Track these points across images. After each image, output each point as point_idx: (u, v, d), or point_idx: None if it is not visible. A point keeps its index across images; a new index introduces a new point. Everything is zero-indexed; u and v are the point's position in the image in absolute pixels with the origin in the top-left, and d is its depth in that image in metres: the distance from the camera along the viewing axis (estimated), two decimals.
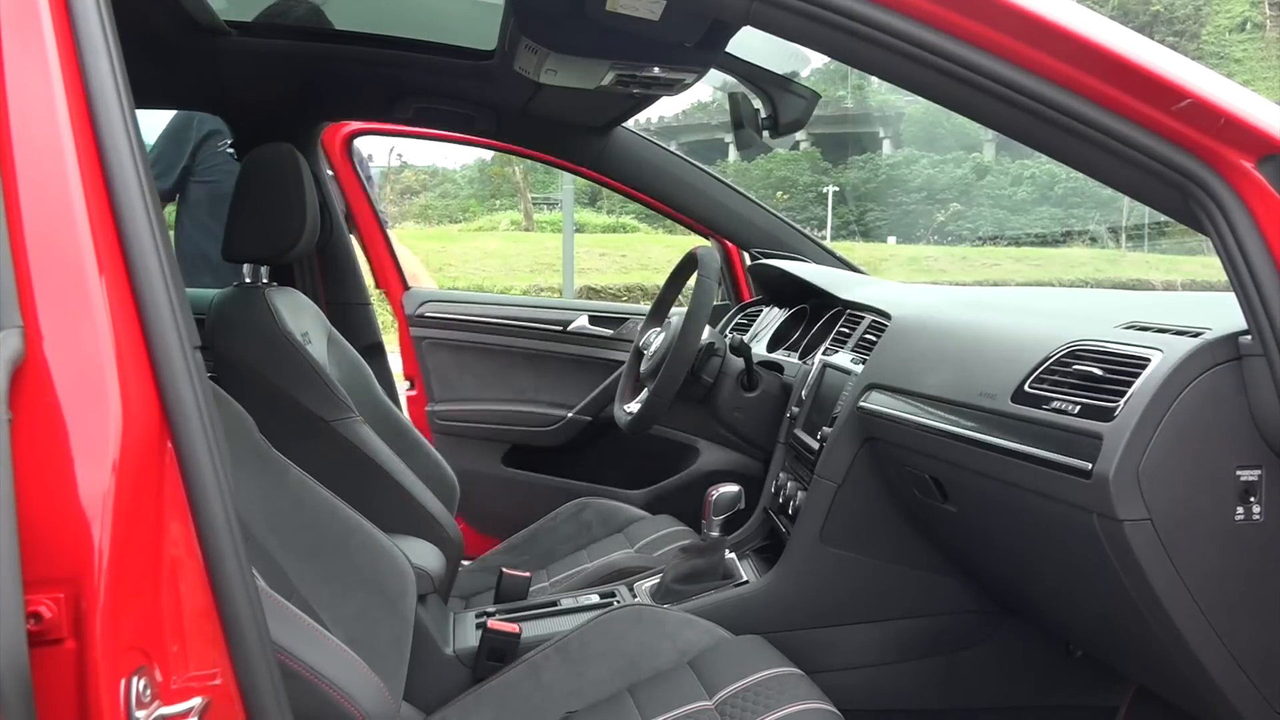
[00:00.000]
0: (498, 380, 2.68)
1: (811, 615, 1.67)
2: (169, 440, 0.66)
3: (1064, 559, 1.23)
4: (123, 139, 0.68)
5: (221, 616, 0.67)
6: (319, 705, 0.96)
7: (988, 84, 0.96)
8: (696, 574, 1.75)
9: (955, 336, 1.49)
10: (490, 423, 2.69)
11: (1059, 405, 1.14)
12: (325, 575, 1.37)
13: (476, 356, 2.69)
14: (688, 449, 2.57)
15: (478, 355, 2.69)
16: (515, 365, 2.72)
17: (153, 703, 0.61)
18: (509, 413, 2.70)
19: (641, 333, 2.14)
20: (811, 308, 2.21)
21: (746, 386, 1.98)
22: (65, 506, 0.59)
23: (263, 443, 1.37)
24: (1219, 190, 0.96)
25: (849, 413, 1.62)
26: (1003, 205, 34.66)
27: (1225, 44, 37.15)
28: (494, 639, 1.60)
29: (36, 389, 0.60)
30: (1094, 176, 1.04)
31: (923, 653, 1.67)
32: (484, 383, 2.70)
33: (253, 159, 1.73)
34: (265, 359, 1.68)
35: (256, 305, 1.69)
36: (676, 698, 1.40)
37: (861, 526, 1.65)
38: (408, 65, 2.16)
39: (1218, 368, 1.03)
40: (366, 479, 1.72)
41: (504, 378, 2.65)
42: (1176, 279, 20.49)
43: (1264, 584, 1.06)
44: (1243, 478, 1.04)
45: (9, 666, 0.52)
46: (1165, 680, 1.27)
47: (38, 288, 0.62)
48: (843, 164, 37.40)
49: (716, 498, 1.74)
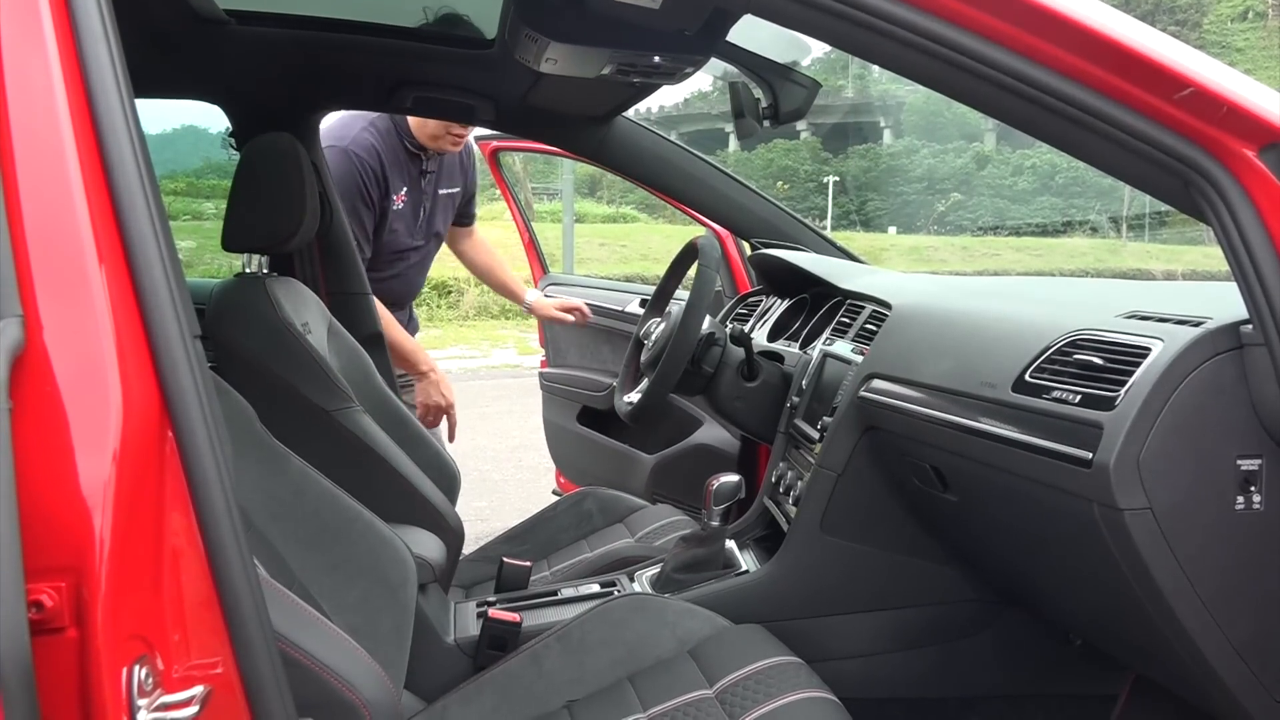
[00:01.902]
0: (586, 352, 3.14)
1: (811, 604, 1.67)
2: (170, 430, 0.66)
3: (1064, 548, 1.23)
4: (122, 129, 0.67)
5: (223, 605, 0.67)
6: (321, 693, 0.96)
7: (989, 72, 0.96)
8: (697, 563, 1.75)
9: (956, 326, 1.49)
10: (572, 386, 3.21)
11: (1060, 395, 1.14)
12: (326, 564, 1.37)
13: (578, 332, 3.15)
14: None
15: (579, 331, 3.13)
16: (599, 340, 3.12)
17: (154, 691, 0.61)
18: (583, 379, 3.18)
19: (642, 323, 2.14)
20: (812, 297, 2.21)
21: (747, 376, 1.98)
22: (66, 496, 0.59)
23: (263, 432, 1.38)
24: (1221, 179, 0.96)
25: (849, 402, 1.62)
26: (1004, 195, 34.65)
27: (1227, 33, 37.06)
28: (495, 628, 1.61)
29: (37, 378, 0.60)
30: (1095, 165, 1.04)
31: (922, 642, 1.68)
32: (581, 353, 3.24)
33: (252, 148, 1.73)
34: (266, 349, 1.68)
35: (257, 295, 1.69)
36: (677, 686, 1.40)
37: (862, 516, 1.65)
38: (407, 54, 2.15)
39: (1219, 357, 1.03)
40: (367, 469, 1.72)
41: (590, 350, 3.07)
42: (1177, 268, 20.50)
43: (1264, 573, 1.06)
44: (1243, 467, 1.04)
45: (11, 655, 0.52)
46: (1164, 669, 1.27)
47: (38, 277, 0.62)
48: (843, 154, 37.37)
49: (717, 488, 1.74)
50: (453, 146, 2.50)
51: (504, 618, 1.62)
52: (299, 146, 1.71)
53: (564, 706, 1.45)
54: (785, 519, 1.80)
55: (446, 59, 2.15)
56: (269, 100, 2.22)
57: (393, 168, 2.46)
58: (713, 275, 1.88)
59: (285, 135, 1.72)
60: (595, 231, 21.38)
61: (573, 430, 3.22)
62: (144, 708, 0.60)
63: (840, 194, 34.82)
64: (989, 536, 1.48)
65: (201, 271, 5.55)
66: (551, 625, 1.56)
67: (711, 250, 1.92)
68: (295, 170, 1.68)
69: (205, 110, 2.63)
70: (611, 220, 24.87)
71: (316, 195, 1.76)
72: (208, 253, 6.27)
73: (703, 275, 1.87)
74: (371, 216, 2.45)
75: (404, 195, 2.52)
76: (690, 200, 2.53)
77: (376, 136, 2.44)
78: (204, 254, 6.82)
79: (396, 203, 2.50)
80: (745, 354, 1.97)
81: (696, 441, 2.76)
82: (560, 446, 3.34)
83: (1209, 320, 1.06)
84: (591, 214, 24.77)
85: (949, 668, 1.68)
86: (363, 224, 2.42)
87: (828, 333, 1.95)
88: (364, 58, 2.16)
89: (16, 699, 0.52)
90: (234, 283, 1.74)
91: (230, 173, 1.76)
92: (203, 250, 6.77)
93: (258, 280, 1.72)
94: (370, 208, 2.43)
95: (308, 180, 1.71)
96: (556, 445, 3.34)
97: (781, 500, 1.85)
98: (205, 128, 9.05)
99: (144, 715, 0.60)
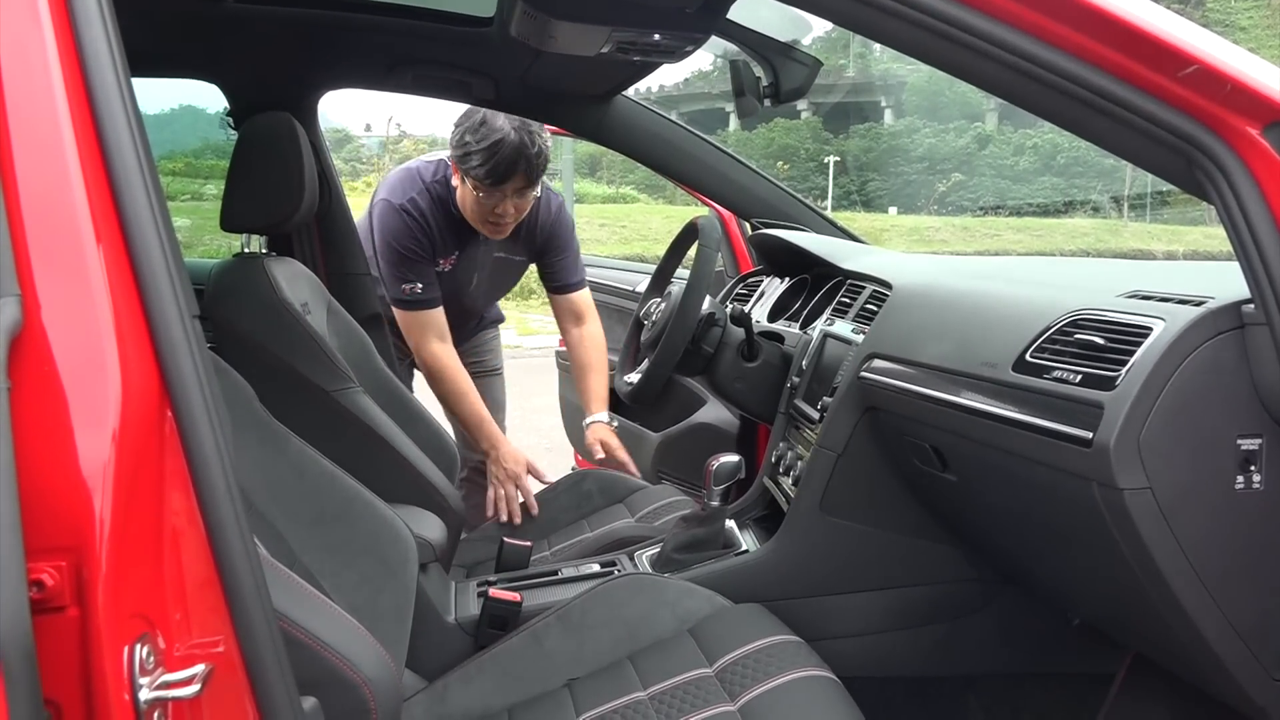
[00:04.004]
0: (605, 332, 3.02)
1: (811, 584, 1.68)
2: (169, 410, 0.66)
3: (1063, 528, 1.24)
4: (119, 107, 0.67)
5: (224, 584, 0.67)
6: (322, 672, 0.96)
7: (992, 49, 0.95)
8: (697, 543, 1.75)
9: (957, 306, 1.49)
10: None
11: (1060, 375, 1.14)
12: (327, 544, 1.38)
13: (602, 312, 3.04)
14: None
15: (603, 311, 3.03)
16: (613, 320, 3.08)
17: (156, 669, 0.62)
18: None
19: (642, 303, 2.13)
20: (812, 278, 2.21)
21: (747, 357, 1.98)
22: (66, 475, 0.59)
23: (263, 412, 1.38)
24: (1224, 157, 0.96)
25: (850, 382, 1.62)
26: (1005, 175, 34.54)
27: (1231, 11, 36.80)
28: (495, 607, 1.61)
29: (35, 358, 0.60)
30: (1098, 144, 1.03)
31: (922, 621, 1.68)
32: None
33: (250, 128, 1.72)
34: (265, 329, 1.67)
35: (256, 275, 1.68)
36: (677, 665, 1.41)
37: (861, 496, 1.66)
38: (405, 32, 2.14)
39: (1220, 336, 1.03)
40: (367, 449, 1.72)
41: (606, 330, 2.91)
42: (1179, 249, 20.46)
43: (1263, 553, 1.06)
44: (1243, 447, 1.04)
45: (12, 634, 0.52)
46: (1162, 648, 1.27)
47: (35, 257, 0.62)
48: (844, 133, 37.23)
49: (717, 468, 1.74)
50: (494, 233, 2.28)
51: (504, 597, 1.62)
52: (297, 126, 1.70)
53: (564, 685, 1.46)
54: (785, 499, 1.81)
55: (444, 37, 2.13)
56: (267, 79, 2.21)
57: (444, 231, 2.30)
58: (713, 255, 1.88)
59: (283, 115, 1.71)
60: (595, 212, 21.32)
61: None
62: (145, 686, 0.60)
63: (841, 174, 34.70)
64: (988, 516, 1.48)
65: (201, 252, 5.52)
66: (552, 605, 1.57)
67: (712, 230, 1.91)
68: (294, 150, 1.68)
69: (203, 90, 2.62)
70: (612, 200, 24.81)
71: (315, 175, 1.75)
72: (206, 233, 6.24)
73: (703, 255, 1.87)
74: (424, 265, 2.30)
75: (453, 259, 2.37)
76: (691, 180, 2.51)
77: (429, 202, 2.28)
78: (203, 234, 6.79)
79: (444, 265, 2.35)
80: (745, 334, 1.96)
81: (699, 420, 2.76)
82: (577, 426, 3.32)
83: (1210, 300, 1.05)
84: (591, 194, 24.72)
85: (948, 647, 1.69)
86: (412, 268, 2.28)
87: (828, 313, 1.95)
88: (361, 36, 2.14)
89: (18, 678, 0.52)
90: (233, 263, 1.73)
91: (229, 153, 1.75)
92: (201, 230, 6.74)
93: (256, 260, 1.72)
94: (420, 259, 2.28)
95: (306, 160, 1.70)
96: (573, 425, 3.33)
97: (781, 480, 1.86)
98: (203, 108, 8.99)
99: (146, 693, 0.60)
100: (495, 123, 2.10)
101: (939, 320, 1.50)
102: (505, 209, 2.18)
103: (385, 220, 2.28)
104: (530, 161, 2.10)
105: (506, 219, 2.21)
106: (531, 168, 2.12)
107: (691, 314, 1.86)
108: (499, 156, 2.08)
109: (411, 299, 2.28)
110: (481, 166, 2.09)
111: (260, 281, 1.67)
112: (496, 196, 2.15)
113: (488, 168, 2.09)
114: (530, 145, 2.09)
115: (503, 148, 2.07)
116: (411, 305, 2.29)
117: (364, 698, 0.99)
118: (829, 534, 1.66)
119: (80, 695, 0.58)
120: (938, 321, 1.50)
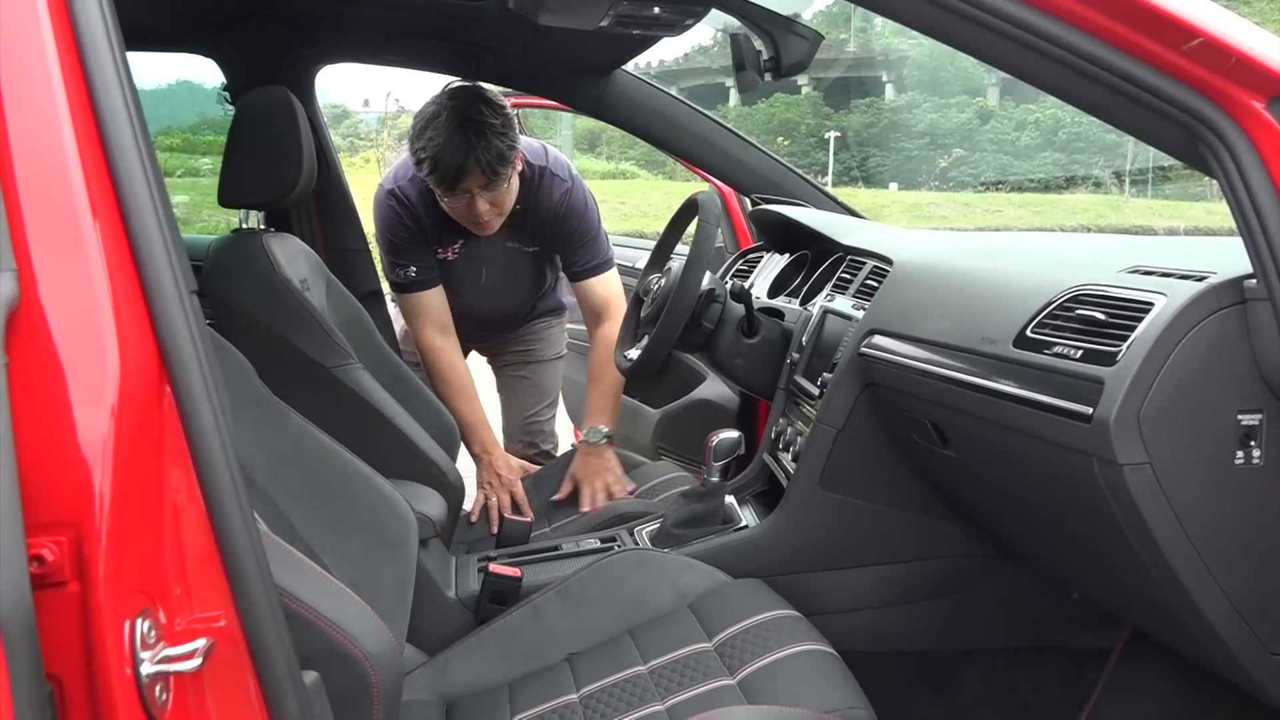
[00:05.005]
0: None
1: (810, 559, 1.68)
2: (168, 385, 0.66)
3: (1063, 503, 1.24)
4: (115, 82, 0.66)
5: (224, 559, 0.68)
6: (323, 646, 0.96)
7: (993, 21, 0.94)
8: (696, 518, 1.76)
9: (957, 282, 1.48)
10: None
11: (1061, 350, 1.14)
12: (327, 519, 1.38)
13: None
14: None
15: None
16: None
17: (157, 644, 0.62)
18: None
19: (641, 278, 2.13)
20: (813, 253, 2.20)
21: (747, 333, 1.97)
22: (65, 451, 0.59)
23: (262, 389, 1.38)
24: (1228, 131, 0.95)
25: (850, 358, 1.62)
26: (1006, 150, 34.42)
27: None
28: (496, 582, 1.62)
29: (32, 333, 0.60)
30: (1101, 118, 1.03)
31: (921, 596, 1.69)
32: None
33: (247, 103, 1.71)
34: (264, 306, 1.67)
35: (254, 252, 1.68)
36: (676, 639, 1.42)
37: (861, 471, 1.66)
38: (402, 6, 2.12)
39: (1222, 312, 1.03)
40: (367, 425, 1.73)
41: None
42: (1180, 225, 20.40)
43: (1261, 528, 1.07)
44: (1244, 422, 1.04)
45: (13, 609, 0.53)
46: (1160, 622, 1.28)
47: (31, 232, 0.62)
48: (845, 108, 37.06)
49: (716, 443, 1.74)
50: (480, 230, 2.15)
51: (505, 572, 1.63)
52: (294, 101, 1.69)
53: (565, 659, 1.47)
54: (785, 474, 1.81)
55: (441, 10, 2.11)
56: (264, 54, 2.19)
57: (439, 220, 2.20)
58: (713, 231, 1.87)
59: (280, 89, 1.70)
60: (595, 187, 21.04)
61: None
62: (147, 660, 0.60)
63: (842, 149, 34.57)
64: (988, 492, 1.49)
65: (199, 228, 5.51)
66: (552, 580, 1.57)
67: (712, 206, 1.91)
68: (291, 125, 1.67)
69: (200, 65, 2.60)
70: (611, 176, 24.72)
71: (313, 151, 1.74)
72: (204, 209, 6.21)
73: (703, 231, 1.86)
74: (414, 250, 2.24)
75: (456, 249, 2.27)
76: (691, 155, 2.50)
77: (419, 189, 2.18)
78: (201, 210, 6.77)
79: (446, 254, 2.27)
80: (745, 310, 1.96)
81: (699, 397, 2.76)
82: (578, 405, 3.30)
83: (1212, 275, 1.05)
84: (591, 170, 24.61)
85: (947, 621, 1.69)
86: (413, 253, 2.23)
87: (828, 289, 1.94)
88: (358, 9, 2.13)
89: (19, 653, 0.52)
90: (231, 239, 1.73)
91: (226, 128, 1.74)
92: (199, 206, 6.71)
93: (255, 236, 1.71)
94: (408, 245, 2.22)
95: (304, 135, 1.69)
96: (575, 403, 3.32)
97: (781, 456, 1.86)
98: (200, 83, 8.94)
99: (147, 668, 0.60)
100: (438, 125, 1.98)
101: (939, 296, 1.49)
102: (477, 207, 2.06)
103: (377, 206, 2.24)
104: (482, 158, 1.97)
105: (485, 217, 2.09)
106: (486, 165, 1.98)
107: (691, 290, 1.85)
108: (444, 162, 1.97)
109: (405, 281, 2.24)
110: (433, 174, 2.01)
111: (259, 258, 1.67)
112: (462, 198, 2.06)
113: (438, 175, 2.00)
114: (480, 142, 1.96)
115: (445, 153, 1.96)
116: (406, 288, 2.25)
117: (365, 672, 1.00)
118: (828, 509, 1.66)
119: (82, 670, 0.58)
120: (938, 297, 1.49)
